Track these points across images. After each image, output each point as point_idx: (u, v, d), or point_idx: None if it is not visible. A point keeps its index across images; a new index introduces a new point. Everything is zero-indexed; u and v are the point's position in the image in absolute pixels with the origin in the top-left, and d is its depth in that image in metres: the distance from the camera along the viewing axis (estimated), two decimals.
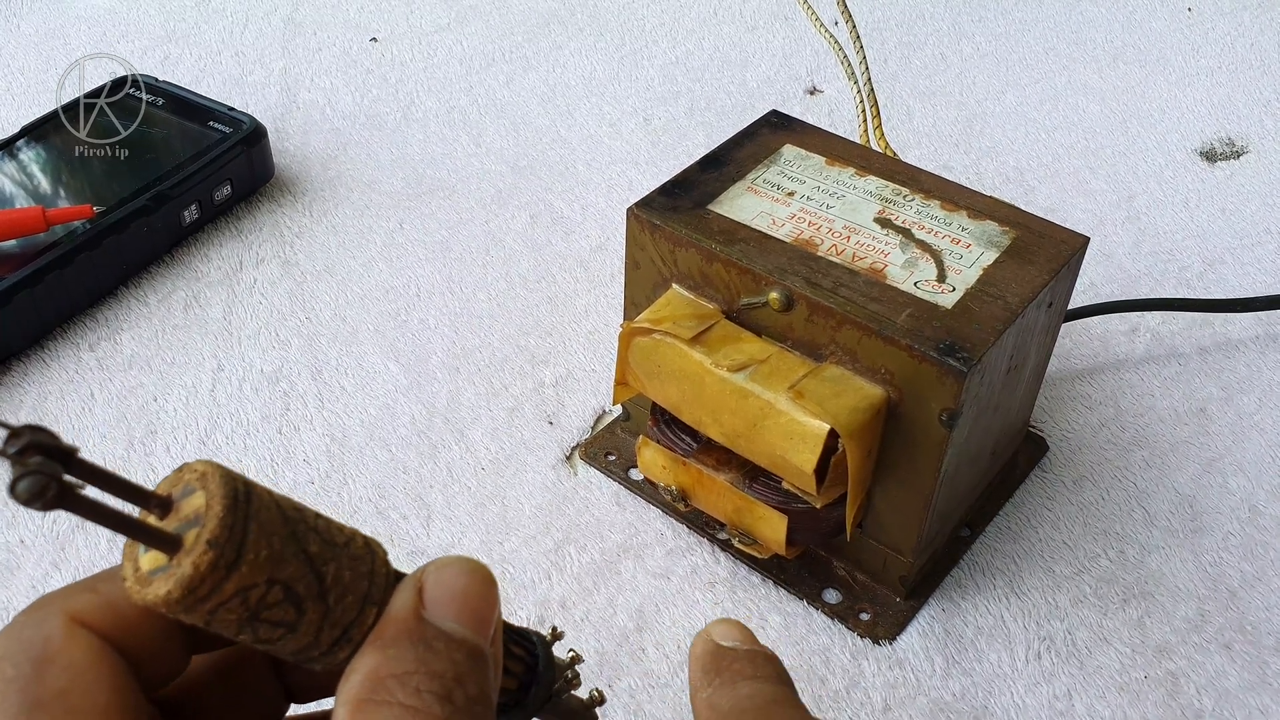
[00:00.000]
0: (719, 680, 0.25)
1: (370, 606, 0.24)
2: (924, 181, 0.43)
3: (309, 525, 0.23)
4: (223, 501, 0.22)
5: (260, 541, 0.22)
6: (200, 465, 0.22)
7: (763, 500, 0.40)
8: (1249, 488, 0.47)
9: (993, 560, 0.44)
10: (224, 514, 0.21)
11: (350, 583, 0.23)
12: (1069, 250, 0.40)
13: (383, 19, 0.76)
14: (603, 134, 0.66)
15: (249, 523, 0.22)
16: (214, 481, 0.22)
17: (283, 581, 0.22)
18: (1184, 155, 0.66)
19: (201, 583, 0.21)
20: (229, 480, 0.22)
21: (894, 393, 0.37)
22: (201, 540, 0.21)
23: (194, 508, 0.22)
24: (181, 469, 0.22)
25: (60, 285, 0.51)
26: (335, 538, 0.23)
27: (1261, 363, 0.53)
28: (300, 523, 0.23)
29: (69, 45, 0.72)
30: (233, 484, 0.22)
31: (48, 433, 0.19)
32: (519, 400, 0.50)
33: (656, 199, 0.41)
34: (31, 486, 0.19)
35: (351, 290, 0.55)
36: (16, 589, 0.42)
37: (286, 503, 0.23)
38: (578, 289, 0.56)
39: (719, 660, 0.26)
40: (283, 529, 0.22)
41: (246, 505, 0.22)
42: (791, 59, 0.73)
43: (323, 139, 0.65)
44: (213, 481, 0.22)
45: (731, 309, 0.40)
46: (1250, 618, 0.43)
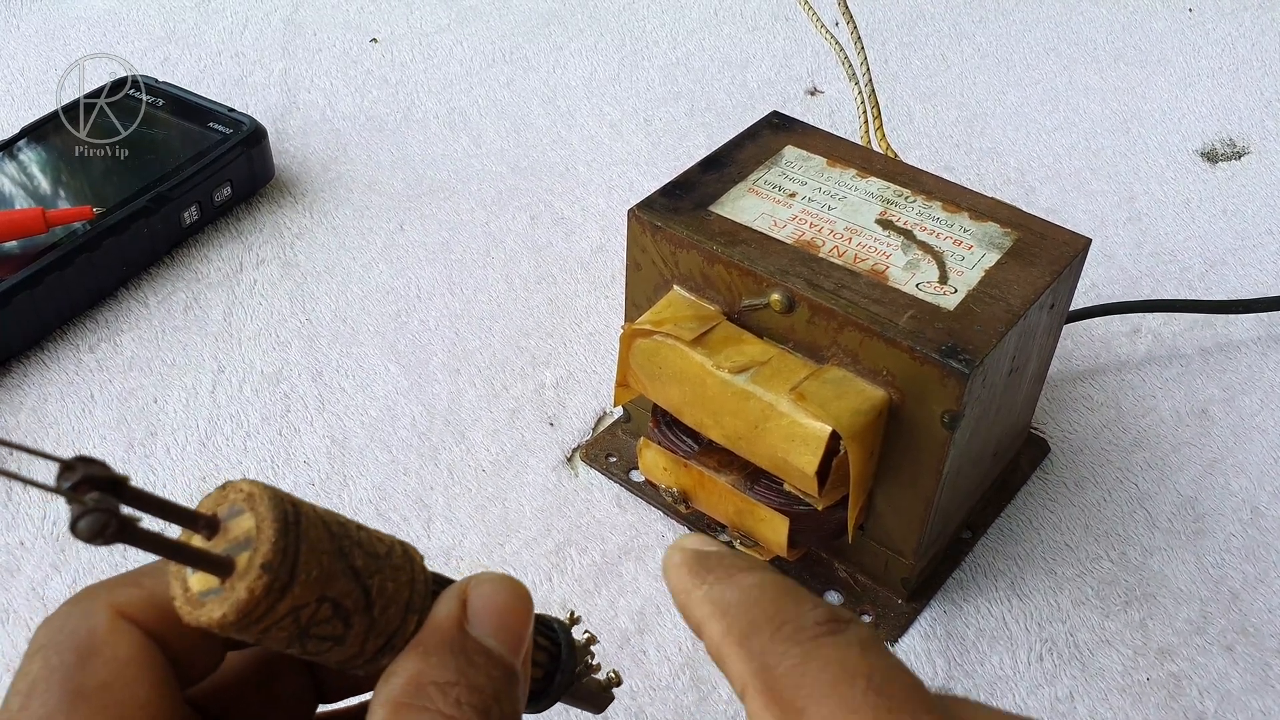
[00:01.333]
0: (714, 577, 0.23)
1: (412, 614, 0.24)
2: (925, 183, 0.43)
3: (353, 540, 0.23)
4: (274, 525, 0.21)
5: (311, 561, 0.22)
6: (246, 485, 0.22)
7: (764, 502, 0.39)
8: (1251, 489, 0.47)
9: (994, 562, 0.44)
10: (276, 537, 0.21)
11: (393, 593, 0.23)
12: (1071, 251, 0.40)
13: (383, 20, 0.76)
14: (603, 135, 0.66)
15: (300, 544, 0.22)
16: (263, 503, 0.22)
17: (332, 598, 0.22)
18: (1185, 156, 0.66)
19: (256, 606, 0.21)
20: (278, 502, 0.22)
21: (896, 394, 0.37)
22: (255, 565, 0.21)
23: (243, 530, 0.22)
24: (225, 488, 0.22)
25: (60, 286, 0.51)
26: (377, 549, 0.23)
27: (1263, 364, 0.53)
28: (345, 538, 0.23)
29: (69, 45, 0.71)
30: (282, 505, 0.22)
31: (99, 464, 0.20)
32: (520, 402, 0.50)
33: (657, 200, 0.41)
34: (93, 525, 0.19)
35: (352, 291, 0.55)
36: (16, 591, 0.42)
37: (331, 518, 0.23)
38: (578, 290, 0.56)
39: (706, 561, 0.23)
40: (331, 546, 0.22)
41: (297, 526, 0.22)
42: (792, 60, 0.73)
43: (323, 140, 0.65)
44: (262, 503, 0.22)
45: (733, 311, 0.40)
46: (1252, 619, 0.43)
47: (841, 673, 0.20)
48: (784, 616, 0.21)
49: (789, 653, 0.21)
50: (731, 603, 0.22)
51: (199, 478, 0.46)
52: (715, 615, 0.22)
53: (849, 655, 0.21)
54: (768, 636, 0.21)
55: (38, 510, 0.45)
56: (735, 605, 0.22)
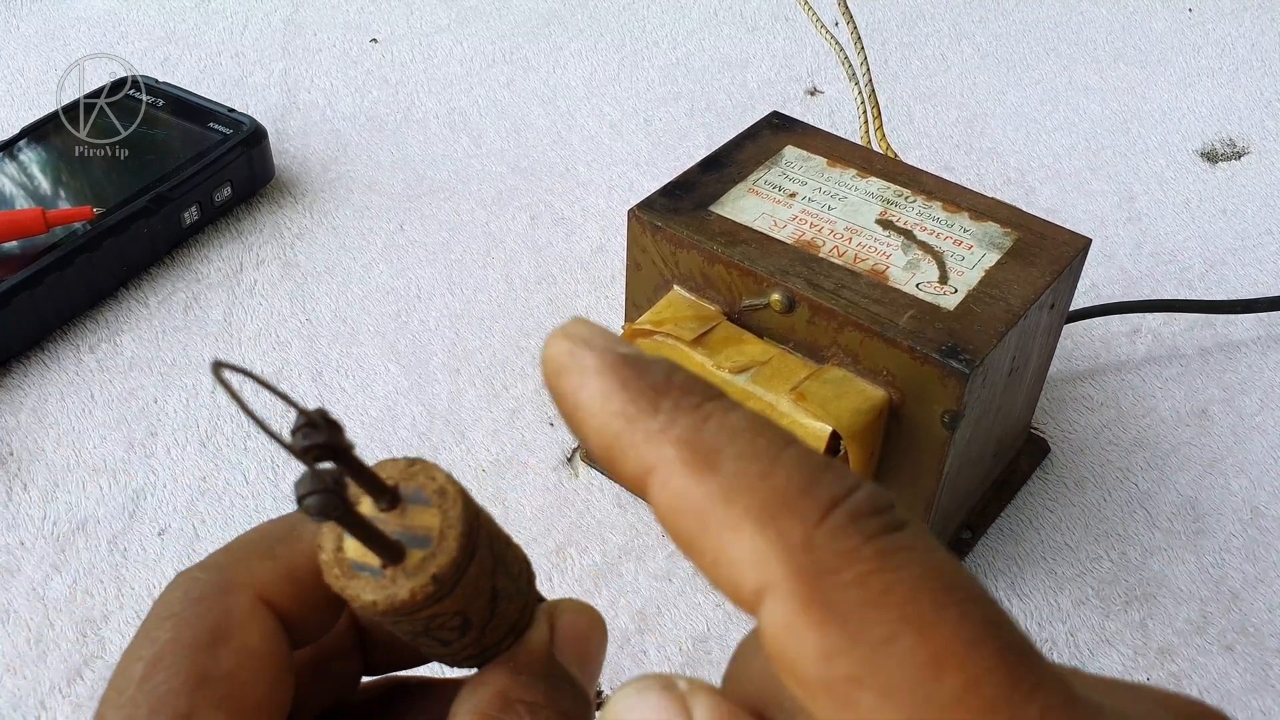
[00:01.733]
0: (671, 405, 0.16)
1: (511, 636, 0.23)
2: (925, 183, 0.43)
3: (504, 559, 0.22)
4: (460, 540, 0.21)
5: (471, 580, 0.21)
6: (441, 477, 0.21)
7: None
8: (1251, 489, 0.47)
9: (994, 562, 0.44)
10: (459, 554, 0.21)
11: (509, 615, 0.23)
12: (1071, 252, 0.40)
13: (383, 20, 0.76)
14: (603, 135, 0.66)
15: (472, 564, 0.21)
16: (455, 509, 0.21)
17: (466, 613, 0.22)
18: (1185, 156, 0.66)
19: (411, 608, 0.21)
20: (470, 514, 0.21)
21: (896, 394, 0.37)
22: (428, 573, 0.20)
23: (424, 523, 0.21)
24: (415, 464, 0.21)
25: (60, 287, 0.51)
26: (515, 570, 0.23)
27: (1263, 364, 0.53)
28: (501, 557, 0.22)
29: (69, 46, 0.71)
30: (472, 520, 0.21)
31: (337, 428, 0.18)
32: (520, 402, 0.50)
33: (657, 200, 0.41)
34: (321, 506, 0.18)
35: (352, 292, 0.55)
36: (16, 591, 0.42)
37: (496, 533, 0.22)
38: (579, 290, 0.56)
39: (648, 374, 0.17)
40: (490, 566, 0.22)
41: (474, 544, 0.21)
42: (792, 60, 0.73)
43: (323, 140, 0.65)
44: (454, 508, 0.21)
45: (733, 311, 0.40)
46: (1252, 619, 0.43)
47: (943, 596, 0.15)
48: (826, 494, 0.15)
49: (854, 553, 0.15)
50: (726, 455, 0.16)
51: (199, 478, 0.46)
52: (694, 467, 0.16)
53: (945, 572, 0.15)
54: (812, 522, 0.15)
55: (38, 510, 0.45)
56: (734, 460, 0.16)
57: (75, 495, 0.45)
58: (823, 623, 0.15)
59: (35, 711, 0.38)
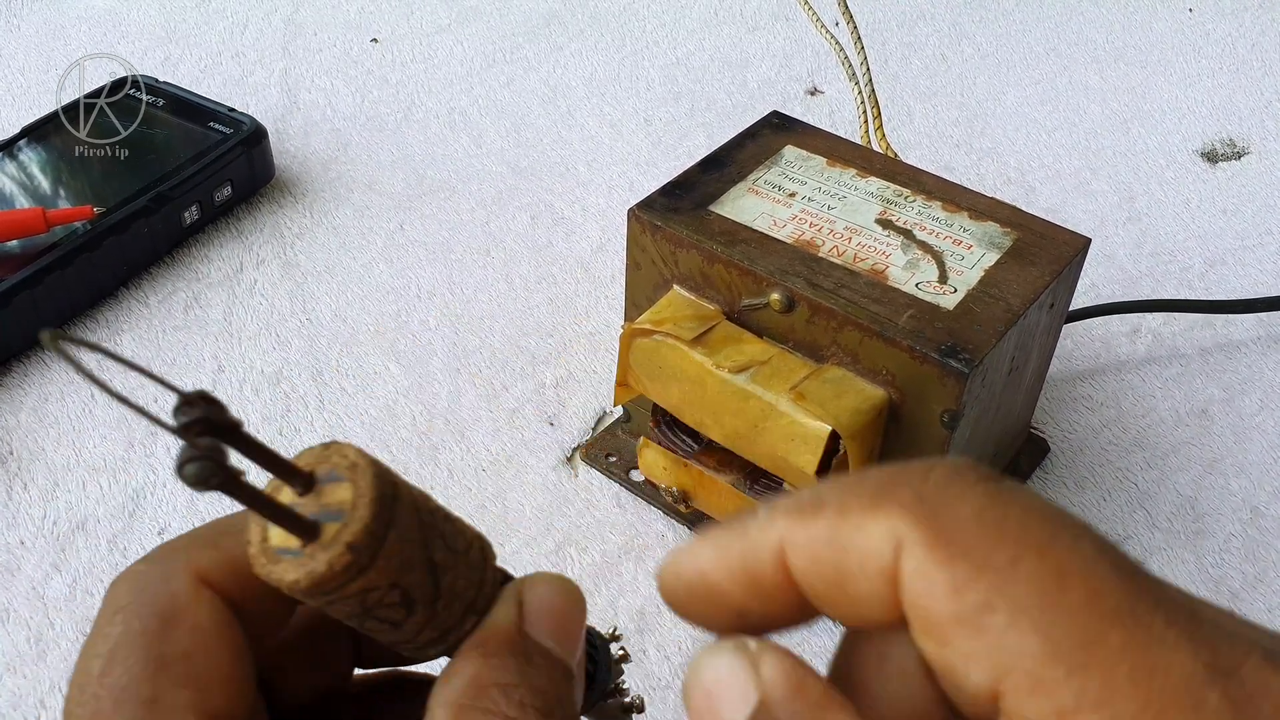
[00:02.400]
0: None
1: (472, 615, 0.23)
2: (925, 182, 0.43)
3: (439, 531, 0.23)
4: (371, 507, 0.21)
5: (395, 549, 0.21)
6: (352, 453, 0.22)
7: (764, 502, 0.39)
8: (1250, 489, 0.47)
9: None
10: (371, 521, 0.21)
11: (460, 591, 0.23)
12: (1070, 251, 0.40)
13: (383, 20, 0.76)
14: (603, 135, 0.66)
15: (390, 530, 0.21)
16: (365, 478, 0.21)
17: (404, 586, 0.22)
18: (1185, 156, 0.66)
19: (331, 580, 0.21)
20: (381, 481, 0.21)
21: (895, 394, 0.37)
22: (342, 541, 0.21)
23: (338, 499, 0.21)
24: (329, 446, 0.22)
25: (60, 286, 0.51)
26: (458, 544, 0.23)
27: (1263, 364, 0.53)
28: (433, 528, 0.22)
29: (69, 45, 0.71)
30: (384, 486, 0.21)
31: (218, 406, 0.19)
32: (520, 401, 0.50)
33: (657, 200, 0.41)
34: (199, 473, 0.18)
35: (352, 291, 0.55)
36: (16, 590, 0.42)
37: (424, 504, 0.23)
38: (578, 290, 0.56)
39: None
40: (417, 536, 0.22)
41: (391, 511, 0.21)
42: (792, 60, 0.73)
43: (323, 140, 0.65)
44: (364, 478, 0.21)
45: (733, 310, 0.40)
46: (1252, 620, 0.43)
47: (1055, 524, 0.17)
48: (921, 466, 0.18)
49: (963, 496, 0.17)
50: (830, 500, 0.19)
51: None
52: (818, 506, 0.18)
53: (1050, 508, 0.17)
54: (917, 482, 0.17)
55: (38, 510, 0.45)
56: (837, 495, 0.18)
57: (75, 494, 0.45)
58: (950, 559, 0.16)
59: (35, 711, 0.38)
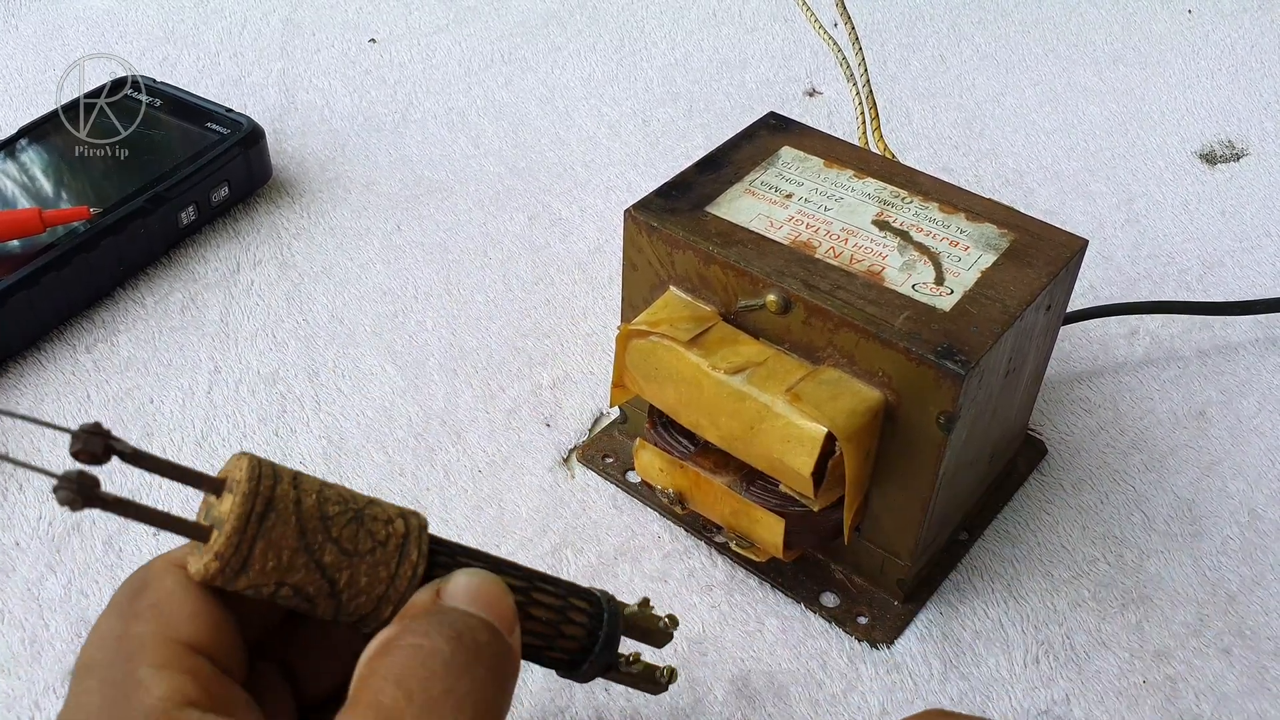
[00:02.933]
0: None
1: (387, 605, 0.27)
2: (922, 184, 0.43)
3: (330, 535, 0.26)
4: (235, 522, 0.25)
5: (267, 555, 0.25)
6: (243, 466, 0.26)
7: (760, 503, 0.39)
8: (1248, 491, 0.47)
9: (991, 564, 0.44)
10: (231, 533, 0.25)
11: (366, 586, 0.26)
12: (1067, 253, 0.40)
13: (381, 20, 0.76)
14: (601, 135, 0.66)
15: (256, 541, 0.25)
16: (238, 497, 0.25)
17: (292, 584, 0.26)
18: (1184, 158, 0.66)
19: (215, 579, 0.25)
20: (250, 496, 0.25)
21: (892, 396, 0.37)
22: (211, 550, 0.25)
23: (226, 508, 0.25)
24: (239, 456, 0.26)
25: (57, 286, 0.51)
26: (360, 544, 0.26)
27: (1261, 366, 0.53)
28: (319, 533, 0.26)
29: (69, 45, 0.71)
30: (251, 501, 0.25)
31: (100, 436, 0.23)
32: (516, 402, 0.50)
33: (654, 201, 0.41)
34: (63, 497, 0.23)
35: (349, 292, 0.55)
36: (11, 592, 0.42)
37: (313, 509, 0.26)
38: (576, 291, 0.56)
39: None
40: (295, 542, 0.26)
41: (259, 523, 0.25)
42: (790, 61, 0.73)
43: (321, 140, 0.65)
44: (239, 493, 0.25)
45: (729, 311, 0.40)
46: (1249, 622, 0.42)
47: None
48: None
49: None
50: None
51: None
52: None
53: None
54: None
55: (33, 511, 0.44)
56: None
57: None
58: None
59: (29, 712, 0.38)
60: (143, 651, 0.24)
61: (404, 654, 0.25)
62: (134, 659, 0.24)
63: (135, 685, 0.24)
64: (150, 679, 0.24)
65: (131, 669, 0.24)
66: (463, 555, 0.29)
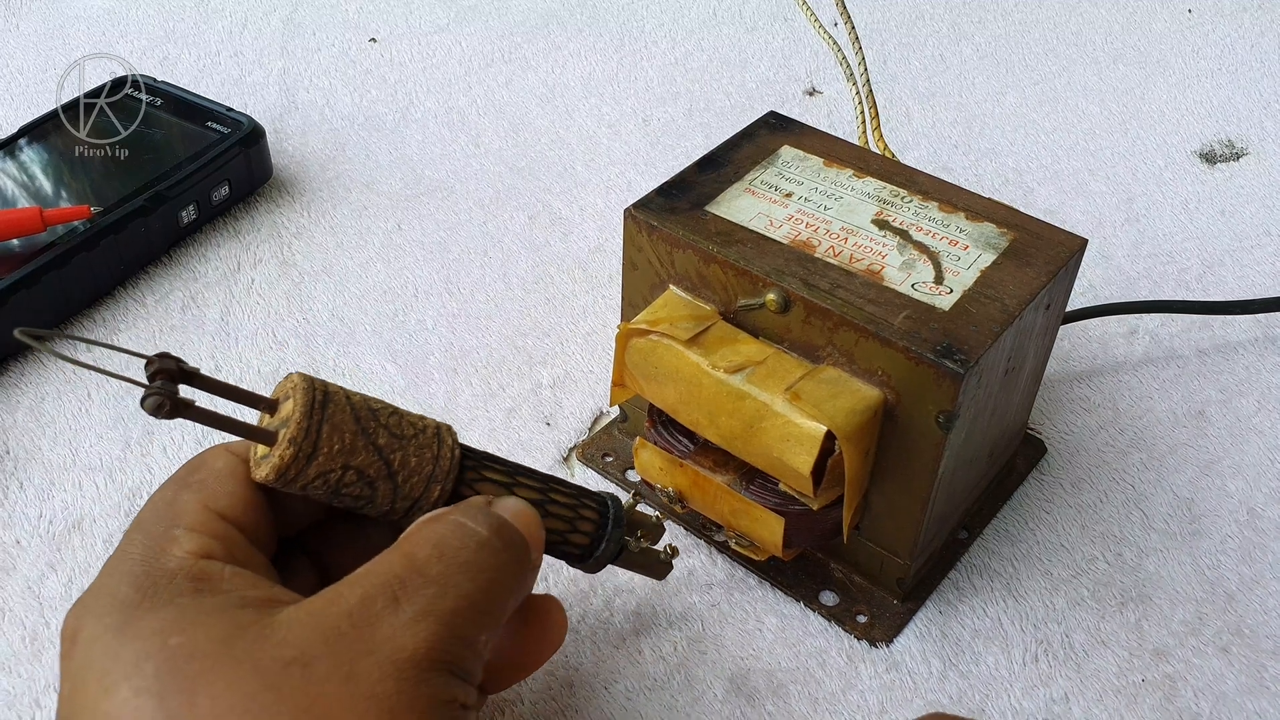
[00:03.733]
0: None
1: (435, 484, 0.31)
2: (922, 183, 0.43)
3: (380, 422, 0.30)
4: (302, 408, 0.28)
5: (333, 437, 0.29)
6: (295, 377, 0.29)
7: (760, 502, 0.39)
8: (1247, 490, 0.47)
9: (990, 563, 0.44)
10: (301, 419, 0.28)
11: (416, 465, 0.30)
12: (1067, 252, 0.40)
13: (382, 19, 0.76)
14: (601, 135, 0.66)
15: (323, 425, 0.29)
16: (299, 391, 0.29)
17: (355, 467, 0.29)
18: (1183, 157, 0.66)
19: (288, 469, 0.29)
20: (309, 390, 0.29)
21: (891, 395, 0.37)
22: (285, 438, 0.28)
23: (287, 411, 0.29)
24: (286, 378, 0.30)
25: (58, 285, 0.51)
26: (405, 430, 0.30)
27: (1260, 365, 0.53)
28: (371, 420, 0.30)
29: (69, 45, 0.72)
30: (311, 393, 0.29)
31: (174, 359, 0.27)
32: (516, 401, 0.50)
33: (654, 200, 0.41)
34: (153, 403, 0.26)
35: (349, 291, 0.55)
36: (12, 589, 0.42)
37: (362, 404, 0.30)
38: (576, 290, 0.56)
39: None
40: (353, 426, 0.29)
41: (322, 410, 0.29)
42: (790, 60, 0.73)
43: (321, 139, 0.65)
44: (298, 391, 0.29)
45: (729, 310, 0.40)
46: (1248, 621, 0.43)
47: None
48: None
49: None
50: None
51: None
52: None
53: None
54: None
55: (34, 509, 0.45)
56: None
57: (71, 494, 0.45)
58: None
59: (30, 710, 0.38)
60: (183, 515, 0.29)
61: (447, 526, 0.29)
62: (174, 520, 0.29)
63: (171, 540, 0.29)
64: (183, 536, 0.29)
65: (170, 527, 0.29)
66: (484, 456, 0.33)
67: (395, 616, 0.27)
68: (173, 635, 0.26)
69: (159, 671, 0.26)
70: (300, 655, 0.26)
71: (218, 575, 0.28)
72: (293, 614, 0.27)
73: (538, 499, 0.33)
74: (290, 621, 0.27)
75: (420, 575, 0.28)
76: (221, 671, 0.26)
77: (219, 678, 0.26)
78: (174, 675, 0.26)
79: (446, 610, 0.28)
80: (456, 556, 0.29)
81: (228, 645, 0.26)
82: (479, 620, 0.29)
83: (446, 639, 0.28)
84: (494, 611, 0.29)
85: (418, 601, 0.28)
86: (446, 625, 0.28)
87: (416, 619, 0.27)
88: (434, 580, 0.28)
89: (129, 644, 0.27)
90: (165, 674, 0.26)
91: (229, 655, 0.26)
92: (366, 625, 0.27)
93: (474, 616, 0.29)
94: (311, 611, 0.28)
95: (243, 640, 0.27)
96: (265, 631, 0.27)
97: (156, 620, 0.27)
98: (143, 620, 0.27)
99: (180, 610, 0.27)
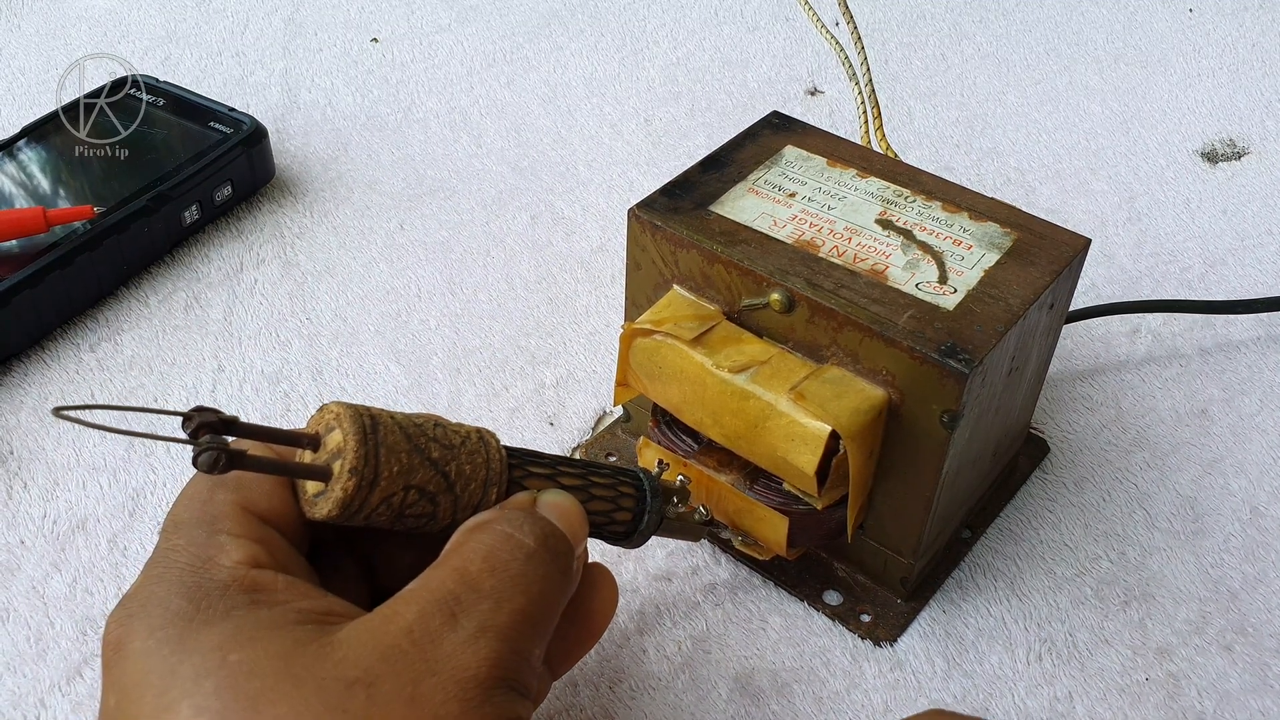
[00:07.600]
0: None
1: (491, 487, 0.30)
2: (925, 183, 0.43)
3: (429, 436, 0.29)
4: (355, 436, 0.28)
5: (391, 460, 0.28)
6: (334, 407, 0.29)
7: (764, 502, 0.40)
8: (1250, 489, 0.47)
9: (994, 562, 0.44)
10: (358, 446, 0.28)
11: (471, 473, 0.30)
12: (1070, 252, 0.40)
13: (383, 19, 0.76)
14: (604, 135, 0.66)
15: (379, 448, 0.28)
16: (346, 420, 0.28)
17: (416, 486, 0.29)
18: (1185, 156, 0.66)
19: (351, 500, 0.28)
20: (357, 416, 0.28)
21: (895, 394, 0.37)
22: (345, 470, 0.28)
23: (336, 443, 0.28)
24: (322, 410, 0.29)
25: (61, 286, 0.51)
26: (452, 440, 0.30)
27: (1262, 364, 0.53)
28: (421, 436, 0.29)
29: (69, 45, 0.72)
30: (360, 419, 0.28)
31: (212, 411, 0.26)
32: (520, 401, 0.50)
33: (657, 200, 0.41)
34: (208, 460, 0.26)
35: (352, 291, 0.55)
36: (16, 590, 0.42)
37: (406, 421, 0.29)
38: (579, 290, 0.56)
39: None
40: (407, 445, 0.29)
41: (374, 434, 0.28)
42: (792, 60, 0.73)
43: (323, 139, 0.65)
44: (345, 420, 0.28)
45: (733, 310, 0.40)
46: (1251, 619, 0.43)
47: None
48: None
49: None
50: None
51: None
52: None
53: None
54: None
55: (38, 509, 0.45)
56: None
57: (75, 494, 0.45)
58: None
59: (35, 710, 0.38)
60: (224, 518, 0.29)
61: (496, 537, 0.29)
62: (216, 524, 0.29)
63: (218, 548, 0.28)
64: (230, 544, 0.29)
65: (214, 533, 0.29)
66: (524, 452, 0.32)
67: (454, 634, 0.27)
68: (232, 651, 0.26)
69: (219, 689, 0.26)
70: (363, 675, 0.26)
71: (271, 585, 0.28)
72: (351, 632, 0.27)
73: (579, 484, 0.33)
74: (350, 640, 0.27)
75: (474, 591, 0.28)
76: (284, 691, 0.26)
77: (281, 697, 0.26)
78: (235, 694, 0.26)
79: (503, 625, 0.28)
80: (507, 570, 0.29)
81: (288, 663, 0.26)
82: (533, 633, 0.29)
83: (506, 655, 0.28)
84: (545, 622, 0.30)
85: (474, 618, 0.28)
86: (505, 641, 0.28)
87: (475, 636, 0.27)
88: (488, 595, 0.28)
89: (187, 659, 0.26)
90: (226, 692, 0.26)
91: (289, 674, 0.26)
92: (427, 643, 0.27)
93: (528, 630, 0.29)
94: (370, 629, 0.27)
95: (302, 657, 0.26)
96: (325, 650, 0.27)
97: (214, 635, 0.27)
98: (200, 634, 0.27)
99: (238, 625, 0.27)
